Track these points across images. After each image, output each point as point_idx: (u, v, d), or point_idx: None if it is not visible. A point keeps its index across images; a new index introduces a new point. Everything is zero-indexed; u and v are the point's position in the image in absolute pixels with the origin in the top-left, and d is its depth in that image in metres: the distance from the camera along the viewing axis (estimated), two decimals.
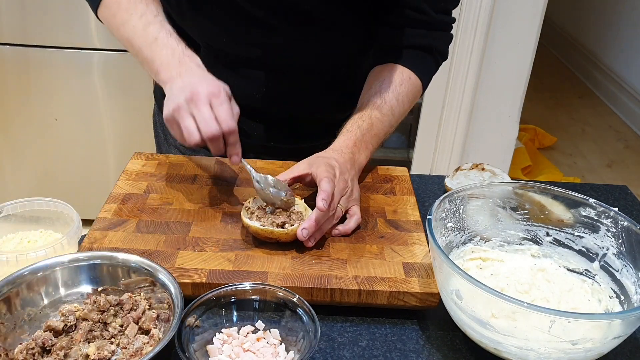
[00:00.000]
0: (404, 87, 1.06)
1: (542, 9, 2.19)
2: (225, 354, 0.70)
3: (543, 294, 0.79)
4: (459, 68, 2.28)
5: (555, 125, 3.72)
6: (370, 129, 1.00)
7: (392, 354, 0.75)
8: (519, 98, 2.36)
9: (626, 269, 0.79)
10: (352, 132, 1.00)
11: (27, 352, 0.68)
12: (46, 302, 0.75)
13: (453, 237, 0.85)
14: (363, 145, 0.99)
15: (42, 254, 0.78)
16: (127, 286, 0.77)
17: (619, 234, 0.80)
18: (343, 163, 0.94)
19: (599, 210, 0.82)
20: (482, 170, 1.11)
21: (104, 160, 2.28)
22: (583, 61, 4.49)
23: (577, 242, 0.85)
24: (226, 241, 0.86)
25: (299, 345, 0.71)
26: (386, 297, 0.79)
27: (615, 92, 4.04)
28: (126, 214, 0.91)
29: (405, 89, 1.06)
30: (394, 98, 1.04)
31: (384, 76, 1.06)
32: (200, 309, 0.73)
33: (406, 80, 1.06)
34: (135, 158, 1.06)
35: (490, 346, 0.72)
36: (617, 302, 0.78)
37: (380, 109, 1.02)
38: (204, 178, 1.02)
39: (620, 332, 0.67)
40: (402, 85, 1.06)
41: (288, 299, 0.74)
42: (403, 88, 1.06)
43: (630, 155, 3.51)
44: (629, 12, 3.94)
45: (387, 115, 1.03)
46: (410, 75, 1.07)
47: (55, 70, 2.10)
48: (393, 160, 2.79)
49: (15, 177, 2.32)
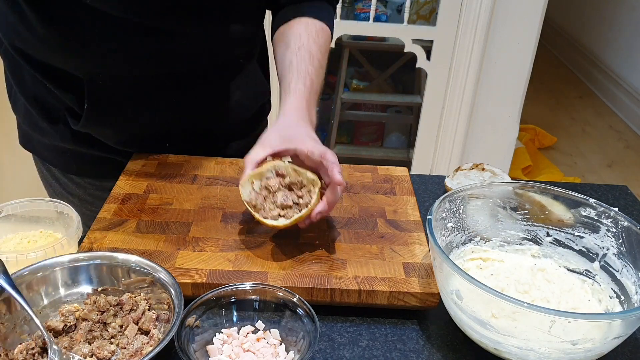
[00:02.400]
0: (321, 38, 1.02)
1: (542, 9, 2.19)
2: (225, 354, 0.70)
3: (543, 294, 0.79)
4: (459, 68, 2.28)
5: (556, 125, 3.73)
6: (312, 85, 0.96)
7: (392, 354, 0.75)
8: (519, 98, 2.36)
9: (626, 269, 0.79)
10: (299, 90, 0.94)
11: (27, 352, 0.68)
12: (46, 302, 0.75)
13: (453, 237, 0.85)
14: (312, 104, 0.95)
15: (42, 254, 0.78)
16: (127, 286, 0.77)
17: (619, 234, 0.80)
18: (311, 130, 0.90)
19: (599, 210, 0.82)
20: (482, 170, 1.11)
21: None
22: (583, 61, 4.49)
23: (578, 242, 0.85)
24: (226, 241, 0.86)
25: (299, 346, 0.71)
26: (386, 297, 0.79)
27: (615, 92, 4.04)
28: (126, 214, 0.91)
29: (323, 40, 1.03)
30: (317, 51, 1.00)
31: (300, 31, 1.02)
32: (200, 309, 0.73)
33: (320, 31, 1.03)
34: (135, 158, 1.06)
35: (490, 346, 0.72)
36: (617, 302, 0.78)
37: (312, 63, 0.98)
38: (204, 178, 1.02)
39: (620, 332, 0.67)
40: (319, 36, 1.02)
41: (288, 299, 0.74)
42: (321, 39, 1.02)
43: (630, 155, 3.51)
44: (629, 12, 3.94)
45: (318, 69, 0.99)
46: (323, 26, 1.04)
47: None
48: (393, 160, 2.79)
49: (15, 177, 2.32)
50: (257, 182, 0.84)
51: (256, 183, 0.84)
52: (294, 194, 0.83)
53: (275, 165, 0.84)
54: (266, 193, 0.83)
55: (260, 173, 0.84)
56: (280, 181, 0.84)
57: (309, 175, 0.84)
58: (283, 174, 0.84)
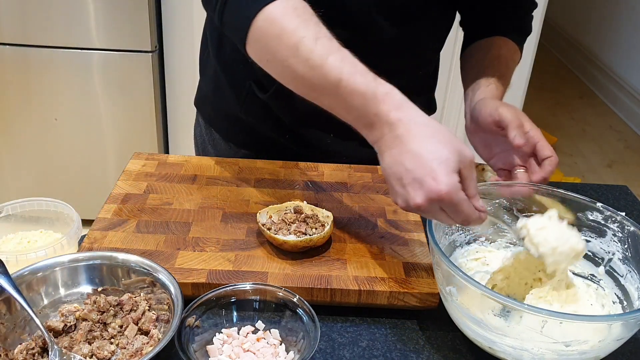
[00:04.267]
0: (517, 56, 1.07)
1: (542, 9, 2.18)
2: (225, 354, 0.70)
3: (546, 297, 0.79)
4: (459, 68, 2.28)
5: (555, 125, 3.73)
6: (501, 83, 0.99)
7: (392, 354, 0.75)
8: (519, 98, 2.36)
9: (631, 274, 0.78)
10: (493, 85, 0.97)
11: (27, 352, 0.68)
12: (46, 302, 0.75)
13: (457, 237, 0.85)
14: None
15: (42, 254, 0.78)
16: (127, 286, 0.77)
17: (625, 239, 0.80)
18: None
19: (606, 214, 0.82)
20: (483, 170, 1.11)
21: (104, 160, 2.28)
22: (583, 61, 4.49)
23: None
24: (226, 241, 0.86)
25: (299, 346, 0.71)
26: (386, 297, 0.79)
27: (615, 92, 4.04)
28: (126, 214, 0.91)
29: (518, 58, 1.07)
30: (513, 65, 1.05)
31: (501, 44, 1.06)
32: (200, 309, 0.73)
33: (513, 52, 1.06)
34: (135, 158, 1.06)
35: (485, 345, 0.72)
36: (620, 307, 0.78)
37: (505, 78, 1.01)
38: (204, 178, 1.02)
39: (617, 336, 0.67)
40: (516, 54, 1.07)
41: (288, 299, 0.74)
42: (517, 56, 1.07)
43: (630, 155, 3.51)
44: (629, 12, 3.94)
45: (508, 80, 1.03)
46: (517, 48, 1.07)
47: (55, 70, 2.10)
48: None
49: (15, 177, 2.32)
50: (275, 214, 0.89)
51: (274, 216, 0.89)
52: (308, 227, 0.86)
53: (294, 204, 0.90)
54: (283, 225, 0.86)
55: (280, 208, 0.90)
56: (297, 216, 0.88)
57: (324, 212, 0.88)
58: (300, 211, 0.89)
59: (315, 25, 0.74)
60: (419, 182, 0.67)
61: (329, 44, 0.73)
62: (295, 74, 0.75)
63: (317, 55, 0.72)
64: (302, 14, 0.75)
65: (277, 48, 0.75)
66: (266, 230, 0.84)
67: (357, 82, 0.71)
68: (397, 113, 0.70)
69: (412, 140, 0.69)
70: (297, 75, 0.74)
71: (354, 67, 0.72)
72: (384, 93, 0.71)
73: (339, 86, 0.71)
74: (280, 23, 0.74)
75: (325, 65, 0.72)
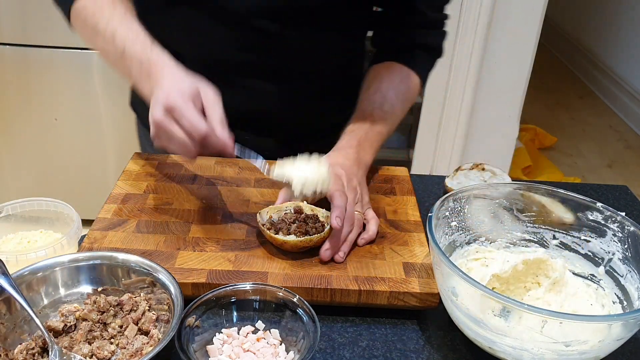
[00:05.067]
0: (403, 85, 1.06)
1: (542, 9, 2.18)
2: (225, 354, 0.70)
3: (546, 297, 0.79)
4: (460, 68, 2.28)
5: (556, 125, 3.72)
6: (373, 127, 1.00)
7: (392, 354, 0.75)
8: (519, 98, 2.36)
9: (630, 274, 0.78)
10: (355, 131, 0.99)
11: (27, 352, 0.68)
12: (46, 302, 0.75)
13: (457, 237, 0.85)
14: (367, 144, 0.98)
15: (42, 254, 0.78)
16: (127, 286, 0.77)
17: (625, 239, 0.80)
18: (349, 167, 0.92)
19: (606, 214, 0.82)
20: (482, 170, 1.11)
21: (104, 160, 2.28)
22: (583, 61, 4.49)
23: (584, 246, 0.84)
24: (226, 241, 0.86)
25: (299, 346, 0.71)
26: (386, 297, 0.79)
27: (615, 92, 4.04)
28: (126, 214, 0.91)
29: (405, 87, 1.06)
30: (394, 96, 1.04)
31: (383, 75, 1.06)
32: (200, 309, 0.73)
33: (405, 78, 1.06)
34: (135, 158, 1.06)
35: (485, 345, 0.72)
36: (620, 307, 0.78)
37: (382, 107, 1.02)
38: (204, 178, 1.02)
39: (617, 336, 0.67)
40: (402, 83, 1.06)
41: (288, 299, 0.74)
42: (403, 86, 1.06)
43: (630, 155, 3.51)
44: (629, 12, 3.94)
45: (389, 113, 1.03)
46: (410, 73, 1.07)
47: (55, 70, 2.10)
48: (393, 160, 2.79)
49: (15, 177, 2.32)
50: (275, 214, 0.89)
51: (274, 216, 0.88)
52: (308, 227, 0.86)
53: (294, 204, 0.89)
54: (283, 225, 0.86)
55: (280, 208, 0.89)
56: (297, 216, 0.88)
57: (324, 212, 0.88)
58: (300, 211, 0.89)
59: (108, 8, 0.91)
60: (156, 98, 0.79)
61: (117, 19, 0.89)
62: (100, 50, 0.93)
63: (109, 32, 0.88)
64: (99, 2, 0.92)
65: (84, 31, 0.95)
66: (266, 230, 0.84)
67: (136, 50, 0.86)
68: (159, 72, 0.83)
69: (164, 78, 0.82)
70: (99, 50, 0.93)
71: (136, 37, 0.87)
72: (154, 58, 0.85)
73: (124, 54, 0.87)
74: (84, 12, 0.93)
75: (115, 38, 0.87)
